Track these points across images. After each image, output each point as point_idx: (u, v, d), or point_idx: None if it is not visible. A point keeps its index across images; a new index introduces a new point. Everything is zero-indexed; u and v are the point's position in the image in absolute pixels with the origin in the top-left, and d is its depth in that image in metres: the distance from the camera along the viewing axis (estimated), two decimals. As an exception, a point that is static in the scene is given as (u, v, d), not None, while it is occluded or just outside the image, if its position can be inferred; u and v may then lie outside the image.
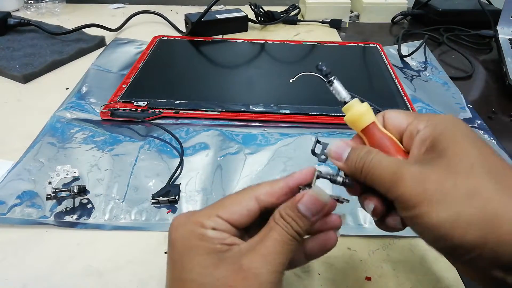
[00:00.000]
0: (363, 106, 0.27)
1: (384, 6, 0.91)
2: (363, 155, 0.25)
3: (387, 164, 0.23)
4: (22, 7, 0.88)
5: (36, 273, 0.34)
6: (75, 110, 0.54)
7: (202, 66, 0.67)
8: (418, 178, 0.22)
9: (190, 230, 0.24)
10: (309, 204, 0.24)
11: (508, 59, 0.67)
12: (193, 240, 0.23)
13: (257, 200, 0.25)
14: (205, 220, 0.24)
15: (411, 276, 0.34)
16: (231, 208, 0.25)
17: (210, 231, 0.24)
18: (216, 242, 0.23)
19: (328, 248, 0.27)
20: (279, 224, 0.24)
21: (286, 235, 0.23)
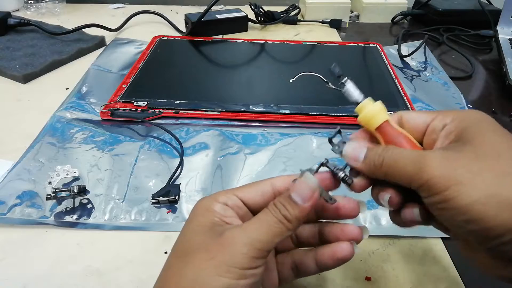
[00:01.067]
0: (376, 105, 0.27)
1: (384, 6, 0.91)
2: (381, 152, 0.25)
3: (409, 154, 0.23)
4: (22, 7, 0.88)
5: (36, 273, 0.34)
6: (75, 110, 0.54)
7: (202, 66, 0.67)
8: (445, 162, 0.22)
9: (204, 203, 0.26)
10: (299, 190, 0.24)
11: (508, 59, 0.67)
12: (199, 211, 0.26)
13: (272, 185, 0.27)
14: (220, 196, 0.26)
15: (411, 276, 0.34)
16: (247, 188, 0.27)
17: (217, 205, 0.26)
18: (217, 215, 0.25)
19: (339, 258, 0.26)
20: (269, 209, 0.25)
21: (272, 217, 0.24)
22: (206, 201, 0.26)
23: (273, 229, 0.24)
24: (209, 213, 0.25)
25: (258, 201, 0.27)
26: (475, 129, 0.23)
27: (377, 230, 0.38)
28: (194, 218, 0.26)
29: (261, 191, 0.27)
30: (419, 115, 0.27)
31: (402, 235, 0.38)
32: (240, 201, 0.26)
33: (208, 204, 0.26)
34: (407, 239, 0.38)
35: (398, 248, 0.37)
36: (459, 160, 0.22)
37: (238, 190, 0.27)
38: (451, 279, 0.34)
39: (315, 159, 0.47)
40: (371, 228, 0.38)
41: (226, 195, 0.26)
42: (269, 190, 0.27)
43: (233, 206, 0.26)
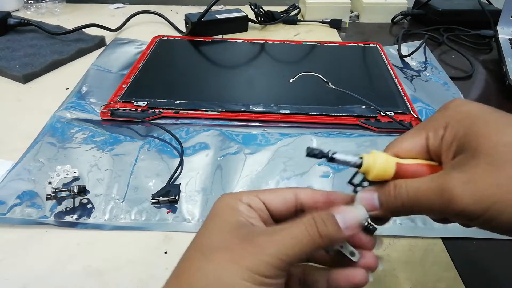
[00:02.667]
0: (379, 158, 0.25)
1: (384, 6, 0.91)
2: (395, 193, 0.24)
3: (428, 187, 0.22)
4: (22, 7, 0.88)
5: (36, 273, 0.34)
6: (75, 110, 0.54)
7: (202, 66, 0.67)
8: (470, 187, 0.21)
9: (228, 201, 0.26)
10: (347, 216, 0.24)
11: (508, 59, 0.67)
12: (224, 209, 0.25)
13: (295, 194, 0.27)
14: (244, 196, 0.26)
15: (411, 276, 0.34)
16: (270, 193, 0.27)
17: (243, 205, 0.26)
18: (243, 215, 0.25)
19: (354, 284, 0.25)
20: (304, 221, 0.24)
21: (305, 232, 0.23)
22: (229, 199, 0.26)
23: (303, 245, 0.23)
24: (235, 212, 0.25)
25: (280, 208, 0.26)
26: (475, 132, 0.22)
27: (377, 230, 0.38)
28: (219, 215, 0.25)
29: (283, 198, 0.27)
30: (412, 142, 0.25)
31: (402, 235, 0.38)
32: (262, 204, 0.26)
33: (232, 203, 0.26)
34: (407, 239, 0.38)
35: (398, 248, 0.37)
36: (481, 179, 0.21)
37: (261, 193, 0.27)
38: (451, 279, 0.34)
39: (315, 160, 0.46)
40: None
41: (249, 196, 0.26)
42: (292, 198, 0.27)
43: (256, 209, 0.26)
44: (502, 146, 0.21)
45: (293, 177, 0.44)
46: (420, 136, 0.25)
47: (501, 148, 0.21)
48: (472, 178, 0.21)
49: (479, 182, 0.21)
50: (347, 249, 0.25)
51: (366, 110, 0.54)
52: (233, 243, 0.23)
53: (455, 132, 0.23)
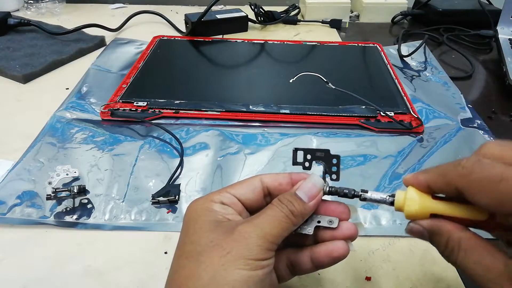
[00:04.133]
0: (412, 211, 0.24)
1: (384, 6, 0.91)
2: (454, 247, 0.23)
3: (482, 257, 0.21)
4: (22, 7, 0.88)
5: (36, 273, 0.34)
6: (75, 110, 0.54)
7: (202, 66, 0.67)
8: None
9: (200, 204, 0.27)
10: (305, 189, 0.26)
11: (508, 59, 0.67)
12: (200, 211, 0.26)
13: (261, 181, 0.28)
14: (215, 196, 0.27)
15: (411, 276, 0.34)
16: (239, 185, 0.28)
17: (216, 205, 0.26)
18: (220, 214, 0.26)
19: (335, 256, 0.26)
20: (275, 204, 0.26)
21: (280, 213, 0.25)
22: (201, 202, 0.27)
23: (282, 224, 0.25)
24: (211, 212, 0.26)
25: (250, 197, 0.28)
26: None
27: (377, 230, 0.38)
28: (195, 218, 0.26)
29: (252, 187, 0.28)
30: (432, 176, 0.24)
31: (402, 235, 0.38)
32: (234, 197, 0.27)
33: (206, 205, 0.26)
34: (407, 239, 0.38)
35: (398, 248, 0.37)
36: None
37: (230, 187, 0.28)
38: (451, 279, 0.34)
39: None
40: (371, 228, 0.38)
41: (219, 194, 0.27)
42: (259, 185, 0.28)
43: (230, 204, 0.27)
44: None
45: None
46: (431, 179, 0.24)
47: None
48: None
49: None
50: (325, 220, 0.27)
51: (366, 110, 0.54)
52: (218, 239, 0.24)
53: None
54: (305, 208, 0.26)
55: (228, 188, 0.28)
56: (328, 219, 0.27)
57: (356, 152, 0.48)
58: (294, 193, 0.26)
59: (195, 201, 0.27)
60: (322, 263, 0.27)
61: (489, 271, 0.21)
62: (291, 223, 0.25)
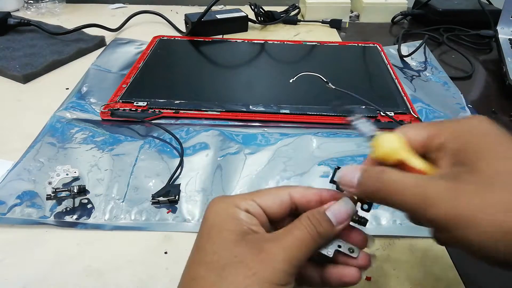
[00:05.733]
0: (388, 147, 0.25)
1: (384, 6, 0.91)
2: (377, 176, 0.23)
3: (408, 184, 0.22)
4: (22, 7, 0.88)
5: (36, 273, 0.34)
6: (75, 110, 0.54)
7: (202, 66, 0.67)
8: (449, 197, 0.20)
9: (225, 208, 0.25)
10: (336, 212, 0.25)
11: (508, 59, 0.67)
12: (224, 217, 0.25)
13: (290, 195, 0.27)
14: (240, 202, 0.26)
15: (411, 276, 0.34)
16: (266, 196, 0.26)
17: (242, 213, 0.25)
18: (245, 224, 0.25)
19: (345, 281, 0.26)
20: (303, 223, 0.24)
21: (307, 234, 0.24)
22: (226, 207, 0.25)
23: (308, 246, 0.24)
24: (236, 221, 0.25)
25: (276, 211, 0.26)
26: (474, 147, 0.22)
27: (377, 230, 0.38)
28: (219, 225, 0.25)
29: (279, 200, 0.26)
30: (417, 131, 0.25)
31: (402, 235, 0.38)
32: (260, 208, 0.26)
33: (231, 211, 0.25)
34: (407, 239, 0.38)
35: (398, 248, 0.37)
36: (465, 192, 0.20)
37: (257, 196, 0.26)
38: (451, 279, 0.34)
39: (315, 159, 0.47)
40: (371, 228, 0.38)
41: (246, 201, 0.26)
42: (288, 199, 0.26)
43: (255, 213, 0.26)
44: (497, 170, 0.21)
45: (293, 177, 0.44)
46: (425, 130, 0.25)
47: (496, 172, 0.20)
48: (456, 190, 0.20)
49: (460, 196, 0.20)
50: (346, 247, 0.26)
51: (366, 110, 0.54)
52: (243, 255, 0.23)
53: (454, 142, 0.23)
54: (333, 231, 0.25)
55: (255, 196, 0.26)
56: (349, 246, 0.26)
57: (356, 152, 0.48)
58: (323, 212, 0.25)
59: (217, 202, 0.26)
60: (331, 284, 0.26)
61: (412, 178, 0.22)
62: (316, 245, 0.24)
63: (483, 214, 0.19)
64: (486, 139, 0.22)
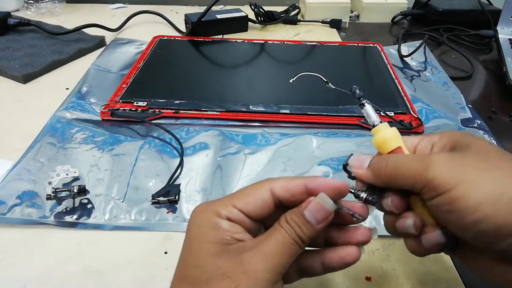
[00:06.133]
0: (391, 131, 0.28)
1: (384, 6, 0.91)
2: (385, 157, 0.26)
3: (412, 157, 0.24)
4: (22, 7, 0.88)
5: (36, 273, 0.34)
6: (75, 110, 0.54)
7: (202, 66, 0.67)
8: (450, 161, 0.22)
9: (207, 218, 0.25)
10: (314, 211, 0.24)
11: (508, 59, 0.67)
12: (206, 228, 0.24)
13: (271, 192, 0.25)
14: (221, 209, 0.25)
15: (411, 276, 0.34)
16: (246, 198, 0.25)
17: (224, 222, 0.24)
18: (227, 234, 0.24)
19: (347, 261, 0.26)
20: (283, 227, 0.24)
21: (288, 238, 0.24)
22: (208, 216, 0.25)
23: (290, 251, 0.24)
24: (218, 231, 0.24)
25: (258, 212, 0.25)
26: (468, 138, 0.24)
27: (377, 230, 0.38)
28: (201, 236, 0.24)
29: (260, 201, 0.25)
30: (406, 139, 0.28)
31: (402, 235, 0.38)
32: (241, 213, 0.25)
33: (212, 221, 0.24)
34: (407, 239, 0.38)
35: (398, 248, 0.37)
36: (464, 159, 0.22)
37: (236, 200, 0.25)
38: (451, 279, 0.34)
39: (315, 159, 0.47)
40: (371, 228, 0.38)
41: (226, 208, 0.25)
42: (269, 198, 0.25)
43: (237, 220, 0.25)
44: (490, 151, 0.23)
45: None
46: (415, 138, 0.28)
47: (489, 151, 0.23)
48: (455, 157, 0.22)
49: (459, 161, 0.22)
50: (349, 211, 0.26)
51: (366, 110, 0.54)
52: (225, 268, 0.23)
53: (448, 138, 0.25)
54: (314, 232, 0.24)
55: (235, 200, 0.25)
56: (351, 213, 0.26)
57: (356, 152, 0.48)
58: (301, 214, 0.24)
59: (198, 212, 0.25)
60: (334, 268, 0.26)
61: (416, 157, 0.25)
62: (299, 248, 0.24)
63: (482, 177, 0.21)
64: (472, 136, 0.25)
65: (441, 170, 0.22)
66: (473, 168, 0.21)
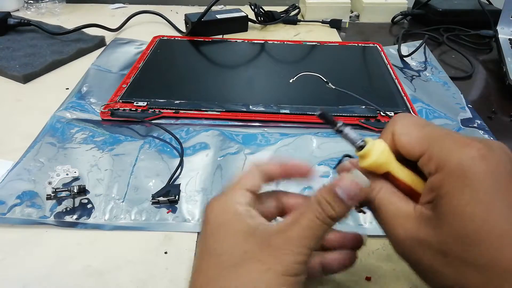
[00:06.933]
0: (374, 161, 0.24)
1: (384, 6, 0.91)
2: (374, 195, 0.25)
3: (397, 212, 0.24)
4: (22, 7, 0.88)
5: (36, 273, 0.34)
6: (75, 110, 0.54)
7: (202, 66, 0.67)
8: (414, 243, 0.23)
9: (227, 207, 0.26)
10: (348, 187, 0.23)
11: (508, 59, 0.67)
12: (227, 215, 0.25)
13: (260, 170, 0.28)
14: (238, 197, 0.26)
15: (411, 276, 0.34)
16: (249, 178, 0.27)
17: (243, 209, 0.25)
18: (247, 218, 0.25)
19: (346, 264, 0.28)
20: (312, 208, 0.24)
21: (317, 221, 0.23)
22: (228, 205, 0.26)
23: (318, 233, 0.23)
24: (240, 216, 0.25)
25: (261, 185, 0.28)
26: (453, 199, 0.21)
27: (377, 230, 0.38)
28: (225, 224, 0.25)
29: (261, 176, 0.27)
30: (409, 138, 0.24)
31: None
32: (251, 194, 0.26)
33: (234, 208, 0.25)
34: (407, 239, 0.38)
35: (398, 248, 0.37)
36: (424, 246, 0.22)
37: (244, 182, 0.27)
38: (451, 279, 0.34)
39: (315, 159, 0.47)
40: (371, 228, 0.38)
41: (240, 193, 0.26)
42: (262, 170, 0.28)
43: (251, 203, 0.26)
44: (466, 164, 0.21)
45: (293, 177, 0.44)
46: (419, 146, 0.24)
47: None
48: (418, 239, 0.23)
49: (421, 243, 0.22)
50: None
51: (366, 110, 0.54)
52: (253, 251, 0.23)
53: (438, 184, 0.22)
54: (345, 211, 0.23)
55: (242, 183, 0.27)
56: None
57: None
58: (334, 191, 0.23)
59: (217, 201, 0.26)
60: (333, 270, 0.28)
61: (399, 210, 0.24)
62: (328, 228, 0.24)
63: None
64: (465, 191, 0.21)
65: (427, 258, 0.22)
66: None
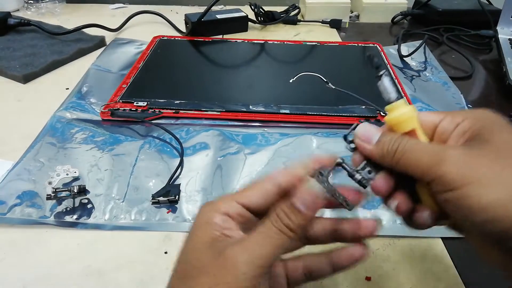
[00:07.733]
0: (406, 112, 0.25)
1: (384, 6, 0.91)
2: (397, 138, 0.24)
3: (426, 146, 0.23)
4: (22, 7, 0.88)
5: (36, 273, 0.34)
6: (75, 110, 0.54)
7: (202, 66, 0.67)
8: (465, 158, 0.21)
9: (203, 213, 0.25)
10: (302, 197, 0.23)
11: (508, 59, 0.67)
12: (200, 225, 0.24)
13: (273, 181, 0.25)
14: (222, 205, 0.25)
15: (411, 276, 0.34)
16: (249, 192, 0.25)
17: (218, 217, 0.24)
18: (217, 228, 0.24)
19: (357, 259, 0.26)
20: (270, 218, 0.23)
21: (273, 228, 0.23)
22: (206, 211, 0.25)
23: (274, 241, 0.22)
24: (209, 226, 0.24)
25: (261, 204, 0.25)
26: (491, 128, 0.22)
27: (377, 230, 0.38)
28: (194, 233, 0.24)
29: (264, 193, 0.25)
30: (427, 116, 0.25)
31: (402, 235, 0.38)
32: (242, 207, 0.25)
33: (208, 216, 0.24)
34: (407, 239, 0.38)
35: (398, 248, 0.37)
36: (479, 157, 0.21)
37: (240, 195, 0.25)
38: (451, 279, 0.34)
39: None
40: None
41: (228, 203, 0.25)
42: (272, 189, 0.25)
43: (235, 215, 0.24)
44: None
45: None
46: (437, 115, 0.25)
47: (511, 146, 0.21)
48: (471, 153, 0.21)
49: (474, 158, 0.21)
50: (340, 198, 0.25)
51: (366, 110, 0.54)
52: (209, 265, 0.22)
53: (471, 123, 0.23)
54: (304, 219, 0.23)
55: (238, 196, 0.25)
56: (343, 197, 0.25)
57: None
58: (291, 202, 0.23)
59: (203, 207, 0.25)
60: (343, 267, 0.26)
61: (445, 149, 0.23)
62: (287, 238, 0.23)
63: (496, 177, 0.20)
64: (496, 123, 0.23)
65: (453, 167, 0.21)
66: (488, 167, 0.20)
